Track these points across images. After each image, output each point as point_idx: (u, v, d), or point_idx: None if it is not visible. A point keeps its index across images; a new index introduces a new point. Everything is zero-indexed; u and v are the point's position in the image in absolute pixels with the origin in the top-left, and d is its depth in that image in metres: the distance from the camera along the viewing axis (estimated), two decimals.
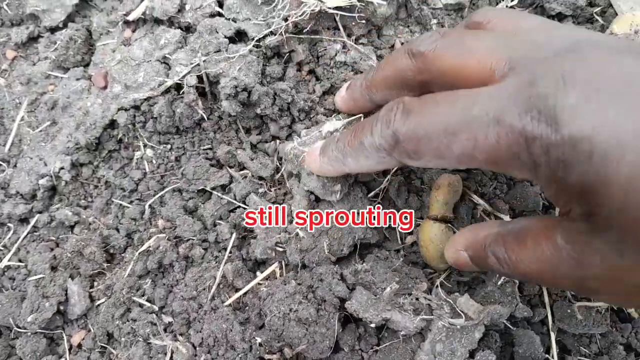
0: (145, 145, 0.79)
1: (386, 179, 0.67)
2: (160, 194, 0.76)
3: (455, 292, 0.64)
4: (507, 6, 0.85)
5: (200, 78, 0.74)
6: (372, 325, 0.58)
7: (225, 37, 0.75)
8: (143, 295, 0.71)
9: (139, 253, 0.72)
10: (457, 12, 0.87)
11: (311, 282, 0.62)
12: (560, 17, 0.83)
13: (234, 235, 0.70)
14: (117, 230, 0.77)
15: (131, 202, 0.79)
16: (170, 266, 0.71)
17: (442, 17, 0.86)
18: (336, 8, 0.72)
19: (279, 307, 0.60)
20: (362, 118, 0.66)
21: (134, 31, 0.83)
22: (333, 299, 0.60)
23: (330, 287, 0.60)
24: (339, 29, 0.75)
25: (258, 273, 0.70)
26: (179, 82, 0.74)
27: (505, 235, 0.45)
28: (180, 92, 0.75)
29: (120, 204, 0.79)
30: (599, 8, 0.82)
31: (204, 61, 0.73)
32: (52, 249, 0.77)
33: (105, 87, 0.81)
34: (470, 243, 0.51)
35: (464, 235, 0.53)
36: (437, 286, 0.63)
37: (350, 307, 0.59)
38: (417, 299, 0.59)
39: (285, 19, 0.72)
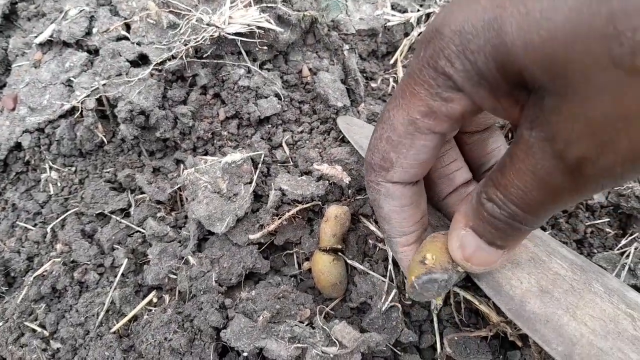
0: (50, 168, 0.78)
1: (279, 220, 0.65)
2: (62, 217, 0.76)
3: (340, 319, 0.64)
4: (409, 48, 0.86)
5: (101, 101, 0.74)
6: (245, 353, 0.57)
7: (128, 60, 0.75)
8: (36, 320, 0.70)
9: (34, 277, 0.71)
10: (370, 37, 0.88)
11: (190, 311, 0.61)
12: None
13: (125, 261, 0.69)
14: (19, 253, 0.76)
15: (35, 225, 0.78)
16: (65, 291, 0.70)
17: (356, 43, 0.87)
18: (236, 34, 0.72)
19: (154, 335, 0.59)
20: None
21: (44, 53, 0.83)
22: (208, 329, 0.59)
23: (205, 316, 0.59)
24: (242, 54, 0.76)
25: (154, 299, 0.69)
26: (77, 105, 0.73)
27: (486, 181, 0.40)
28: (83, 115, 0.75)
29: (25, 227, 0.78)
30: None
31: (103, 85, 0.73)
32: None
33: (14, 109, 0.81)
34: (464, 219, 0.44)
35: (455, 223, 0.45)
36: (317, 314, 0.62)
37: (224, 336, 0.58)
38: (291, 327, 0.59)
39: (186, 44, 0.73)
